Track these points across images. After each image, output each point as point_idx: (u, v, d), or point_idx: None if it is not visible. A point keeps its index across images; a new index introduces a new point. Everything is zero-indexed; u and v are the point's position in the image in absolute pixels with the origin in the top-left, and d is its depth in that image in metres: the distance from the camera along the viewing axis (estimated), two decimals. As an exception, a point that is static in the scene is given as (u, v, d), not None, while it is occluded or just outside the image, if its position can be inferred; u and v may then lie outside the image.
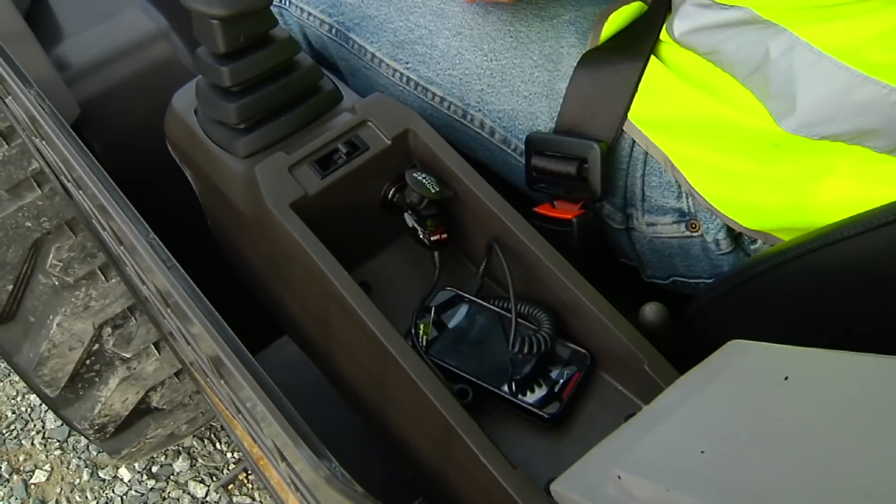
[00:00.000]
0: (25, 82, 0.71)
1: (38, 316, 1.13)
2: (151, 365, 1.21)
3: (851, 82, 0.53)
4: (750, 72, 0.60)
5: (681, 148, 0.66)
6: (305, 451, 0.46)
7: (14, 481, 1.49)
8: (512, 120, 0.75)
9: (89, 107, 1.02)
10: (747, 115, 0.61)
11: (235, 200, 0.68)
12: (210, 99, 0.66)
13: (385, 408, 0.66)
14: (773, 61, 0.57)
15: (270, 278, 0.74)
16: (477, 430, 0.54)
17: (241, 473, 1.48)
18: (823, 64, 0.54)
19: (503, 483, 0.52)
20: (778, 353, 0.46)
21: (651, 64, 0.67)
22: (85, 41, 1.10)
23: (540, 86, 0.73)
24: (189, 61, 1.09)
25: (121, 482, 1.49)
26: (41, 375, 1.16)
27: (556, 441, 0.60)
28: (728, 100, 0.63)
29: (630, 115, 0.68)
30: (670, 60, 0.67)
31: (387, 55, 0.81)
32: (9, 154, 0.99)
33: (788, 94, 0.57)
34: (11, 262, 1.05)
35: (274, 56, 0.66)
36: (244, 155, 0.66)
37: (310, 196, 0.63)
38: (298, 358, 0.82)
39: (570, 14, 0.75)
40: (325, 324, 0.67)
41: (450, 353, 0.62)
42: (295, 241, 0.61)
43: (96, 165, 0.64)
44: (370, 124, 0.66)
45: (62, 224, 1.06)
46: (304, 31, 0.89)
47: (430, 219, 0.65)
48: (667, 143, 0.66)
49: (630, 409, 0.60)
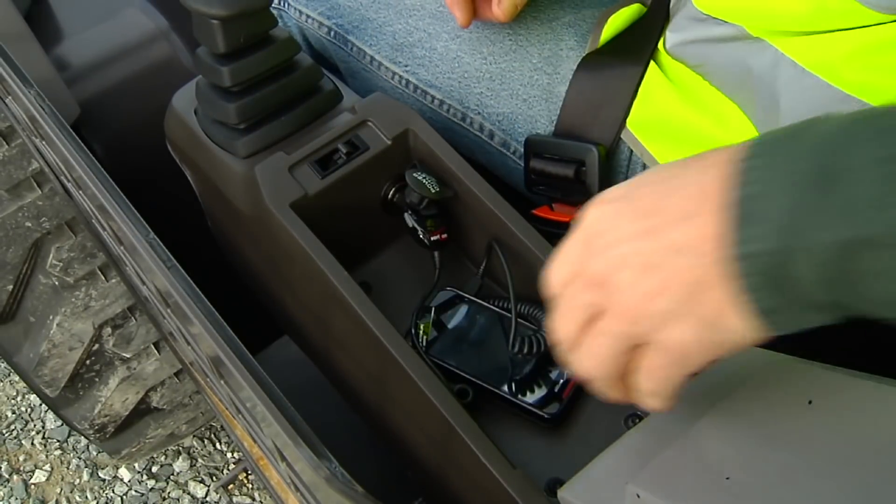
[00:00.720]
0: (25, 82, 0.71)
1: (38, 316, 1.13)
2: (151, 365, 1.21)
3: (832, 100, 0.52)
4: (736, 86, 0.60)
5: (673, 158, 0.66)
6: (305, 451, 0.46)
7: (14, 481, 1.49)
8: (511, 123, 0.75)
9: (89, 107, 1.02)
10: (733, 134, 0.61)
11: (235, 200, 0.68)
12: (210, 99, 0.67)
13: (385, 408, 0.66)
14: (758, 76, 0.56)
15: (270, 278, 0.74)
16: (477, 430, 0.54)
17: (241, 473, 1.48)
18: (806, 81, 0.53)
19: (503, 483, 0.52)
20: (795, 370, 0.44)
21: (650, 70, 0.67)
22: (85, 41, 1.10)
23: (539, 89, 0.73)
24: (189, 61, 1.09)
25: (121, 482, 1.49)
26: (41, 375, 1.16)
27: (556, 441, 0.60)
28: (716, 116, 0.62)
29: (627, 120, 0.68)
30: (667, 69, 0.67)
31: (386, 58, 0.81)
32: (9, 154, 0.99)
33: (772, 109, 0.56)
34: (11, 262, 1.05)
35: (274, 56, 0.66)
36: (244, 155, 0.66)
37: (310, 196, 0.63)
38: (298, 358, 0.82)
39: (568, 16, 0.75)
40: (325, 324, 0.67)
41: (450, 353, 0.62)
42: (295, 241, 0.61)
43: (96, 165, 0.64)
44: (370, 124, 0.66)
45: (62, 224, 1.06)
46: (304, 33, 0.89)
47: (430, 219, 0.65)
48: (660, 152, 0.66)
49: (630, 409, 0.60)
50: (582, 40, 0.73)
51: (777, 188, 0.33)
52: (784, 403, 0.43)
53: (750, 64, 0.56)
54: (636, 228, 0.37)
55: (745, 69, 0.57)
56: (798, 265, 0.32)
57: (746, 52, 0.57)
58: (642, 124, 0.67)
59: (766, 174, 0.33)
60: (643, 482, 0.41)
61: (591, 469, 0.46)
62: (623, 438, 0.47)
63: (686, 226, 0.36)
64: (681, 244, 0.36)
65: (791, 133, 0.35)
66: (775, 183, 0.33)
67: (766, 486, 0.38)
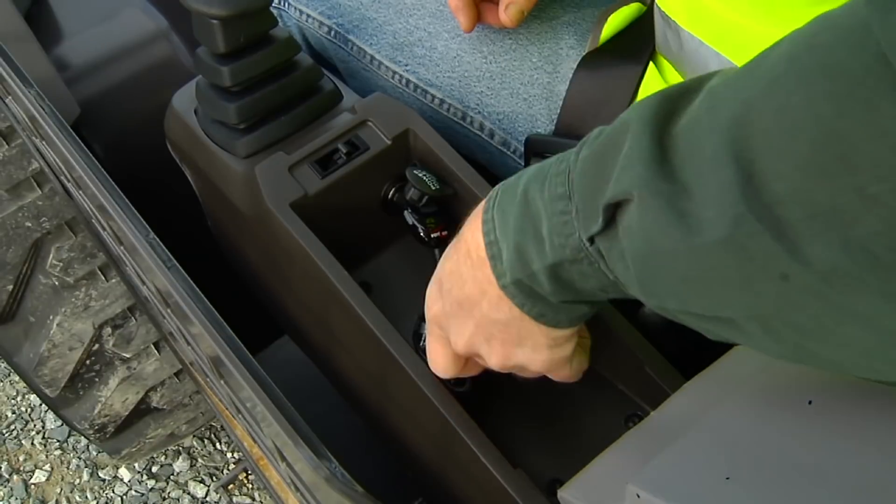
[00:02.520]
0: (25, 82, 0.71)
1: (38, 316, 1.13)
2: (151, 365, 1.21)
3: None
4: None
5: None
6: (305, 451, 0.46)
7: (14, 481, 1.49)
8: (511, 122, 0.75)
9: (89, 107, 1.02)
10: None
11: (235, 200, 0.68)
12: (210, 99, 0.67)
13: (385, 408, 0.66)
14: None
15: (270, 278, 0.74)
16: (477, 430, 0.54)
17: (241, 473, 1.48)
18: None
19: (503, 483, 0.52)
20: (795, 370, 0.45)
21: (649, 72, 0.67)
22: (85, 41, 1.10)
23: (539, 88, 0.73)
24: (189, 61, 1.09)
25: (121, 482, 1.49)
26: (41, 375, 1.16)
27: (556, 441, 0.60)
28: None
29: None
30: (665, 71, 0.67)
31: (386, 57, 0.81)
32: (9, 154, 0.99)
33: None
34: (11, 262, 1.05)
35: (274, 56, 0.66)
36: (244, 155, 0.66)
37: (310, 196, 0.63)
38: (298, 358, 0.82)
39: (568, 15, 0.75)
40: (325, 324, 0.67)
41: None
42: (295, 241, 0.61)
43: (96, 165, 0.64)
44: (370, 124, 0.66)
45: (62, 224, 1.06)
46: (304, 32, 0.89)
47: (430, 216, 0.65)
48: None
49: (630, 410, 0.60)
50: (582, 39, 0.73)
51: (502, 235, 0.44)
52: (784, 403, 0.43)
53: (710, 68, 0.56)
54: (454, 310, 0.49)
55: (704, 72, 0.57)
56: (536, 284, 0.43)
57: (706, 56, 0.57)
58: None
59: (497, 225, 0.45)
60: (643, 482, 0.41)
61: (591, 469, 0.46)
62: (623, 438, 0.47)
63: (473, 289, 0.47)
64: (482, 304, 0.47)
65: (510, 185, 0.45)
66: (501, 231, 0.44)
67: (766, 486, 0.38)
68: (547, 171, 0.42)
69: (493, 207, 0.45)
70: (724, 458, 0.41)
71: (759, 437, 0.41)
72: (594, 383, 0.62)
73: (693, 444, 0.42)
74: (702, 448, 0.42)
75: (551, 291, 0.43)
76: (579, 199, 0.40)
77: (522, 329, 0.47)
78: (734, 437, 0.42)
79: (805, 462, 0.39)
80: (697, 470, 0.41)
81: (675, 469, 0.41)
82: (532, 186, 0.43)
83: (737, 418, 0.43)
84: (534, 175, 0.43)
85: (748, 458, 0.40)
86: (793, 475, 0.38)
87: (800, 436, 0.40)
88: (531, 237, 0.42)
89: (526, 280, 0.44)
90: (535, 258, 0.42)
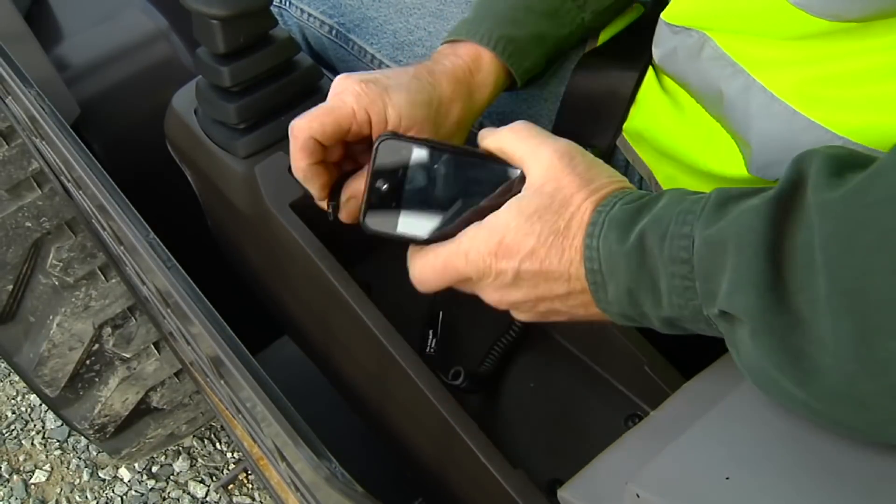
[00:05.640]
0: (25, 82, 0.71)
1: (38, 316, 1.13)
2: (151, 365, 1.21)
3: (798, 126, 0.52)
4: (714, 108, 0.59)
5: (662, 168, 0.65)
6: (305, 451, 0.46)
7: (14, 481, 1.49)
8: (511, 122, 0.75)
9: (89, 107, 1.02)
10: (720, 153, 0.60)
11: (235, 200, 0.68)
12: (210, 99, 0.67)
13: (385, 408, 0.66)
14: (731, 101, 0.55)
15: (270, 278, 0.74)
16: (477, 430, 0.54)
17: (241, 473, 1.48)
18: (775, 107, 0.52)
19: (503, 483, 0.52)
20: None
21: (648, 77, 0.67)
22: (85, 41, 1.10)
23: (539, 88, 0.73)
24: (189, 61, 1.09)
25: (121, 482, 1.49)
26: (41, 375, 1.16)
27: (556, 441, 0.60)
28: (704, 133, 0.61)
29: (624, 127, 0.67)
30: (662, 79, 0.67)
31: (387, 56, 0.81)
32: (9, 154, 0.99)
33: (746, 134, 0.55)
34: (11, 262, 1.05)
35: (274, 56, 0.66)
36: (244, 155, 0.66)
37: (310, 196, 0.63)
38: (298, 358, 0.82)
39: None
40: (325, 324, 0.67)
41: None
42: (295, 241, 0.61)
43: (96, 165, 0.64)
44: (370, 124, 0.66)
45: (62, 224, 1.06)
46: (304, 32, 0.89)
47: None
48: (651, 160, 0.66)
49: (630, 410, 0.60)
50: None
51: (609, 274, 0.44)
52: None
53: (723, 88, 0.56)
54: (517, 282, 0.47)
55: (718, 93, 0.57)
56: (645, 320, 0.44)
57: (719, 76, 0.56)
58: (635, 131, 0.67)
59: (602, 256, 0.44)
60: (643, 482, 0.41)
61: (591, 469, 0.46)
62: (623, 438, 0.47)
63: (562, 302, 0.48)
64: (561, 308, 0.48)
65: (620, 220, 0.44)
66: (608, 267, 0.44)
67: (766, 486, 0.38)
68: (667, 227, 0.41)
69: (598, 236, 0.44)
70: (724, 458, 0.41)
71: (759, 437, 0.41)
72: (594, 383, 0.62)
73: (693, 444, 0.42)
74: (702, 448, 0.42)
75: (658, 327, 0.44)
76: (702, 280, 0.40)
77: (584, 308, 0.47)
78: (734, 437, 0.42)
79: (804, 462, 0.39)
80: (697, 470, 0.41)
81: (674, 469, 0.41)
82: (649, 236, 0.42)
83: (737, 418, 0.43)
84: (652, 224, 0.42)
85: (748, 458, 0.40)
86: (792, 475, 0.38)
87: (799, 436, 0.40)
88: (647, 288, 0.42)
89: (634, 316, 0.44)
90: (649, 306, 0.43)
